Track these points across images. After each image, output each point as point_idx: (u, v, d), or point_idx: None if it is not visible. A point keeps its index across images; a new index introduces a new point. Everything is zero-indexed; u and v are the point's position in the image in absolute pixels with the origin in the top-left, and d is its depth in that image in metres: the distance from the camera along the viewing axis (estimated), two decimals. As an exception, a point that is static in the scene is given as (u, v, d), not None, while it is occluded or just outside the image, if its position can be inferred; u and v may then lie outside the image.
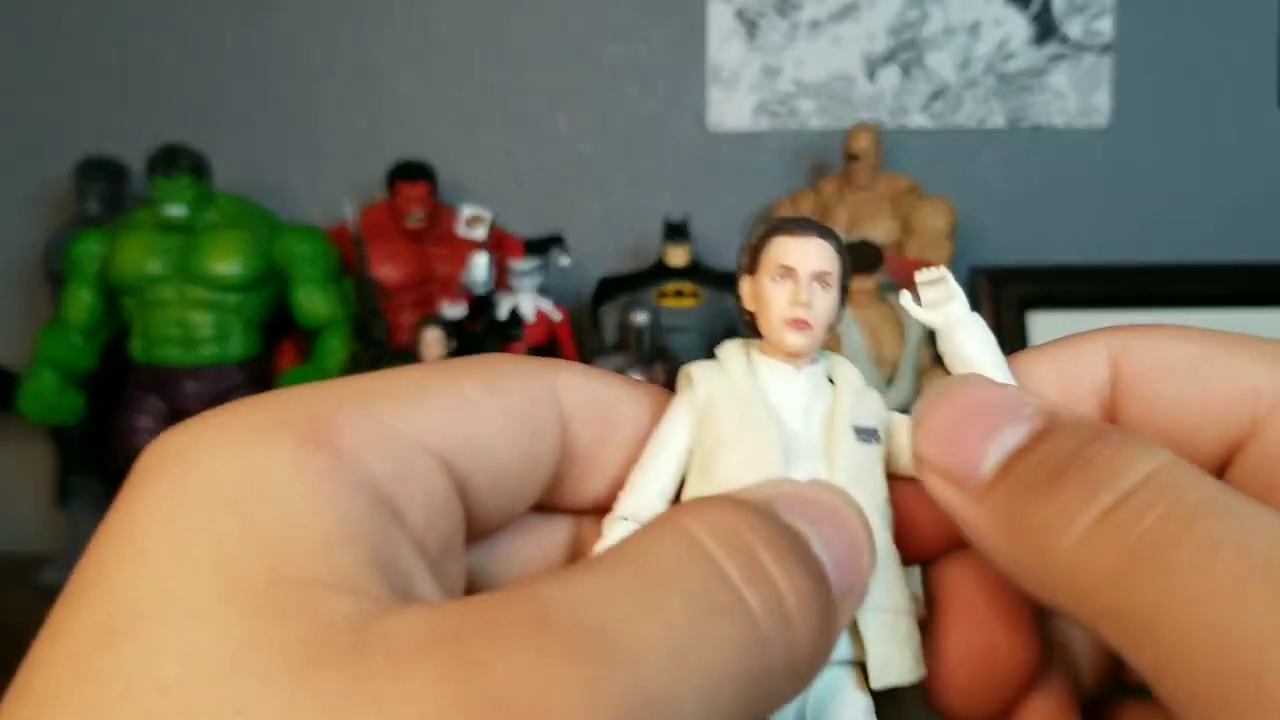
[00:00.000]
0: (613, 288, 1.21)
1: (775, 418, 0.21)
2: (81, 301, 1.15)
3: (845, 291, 0.22)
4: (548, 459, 0.20)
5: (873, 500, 0.20)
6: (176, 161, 1.12)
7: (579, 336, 1.22)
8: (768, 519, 0.17)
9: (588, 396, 0.21)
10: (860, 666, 0.21)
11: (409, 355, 1.11)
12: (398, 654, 0.13)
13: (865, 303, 1.07)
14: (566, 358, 1.20)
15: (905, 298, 0.23)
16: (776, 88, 1.30)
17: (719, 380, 0.22)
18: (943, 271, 0.22)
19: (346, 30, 1.32)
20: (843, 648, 0.20)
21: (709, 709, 0.15)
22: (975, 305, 0.99)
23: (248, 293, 1.14)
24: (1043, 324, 1.20)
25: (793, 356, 0.21)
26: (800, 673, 0.17)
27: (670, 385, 0.23)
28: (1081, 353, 0.21)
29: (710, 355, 0.23)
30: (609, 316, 1.19)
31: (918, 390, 1.10)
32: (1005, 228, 1.30)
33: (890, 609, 0.20)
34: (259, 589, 0.13)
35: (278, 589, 0.14)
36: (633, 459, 0.22)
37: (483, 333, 1.18)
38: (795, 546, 0.17)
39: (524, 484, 0.20)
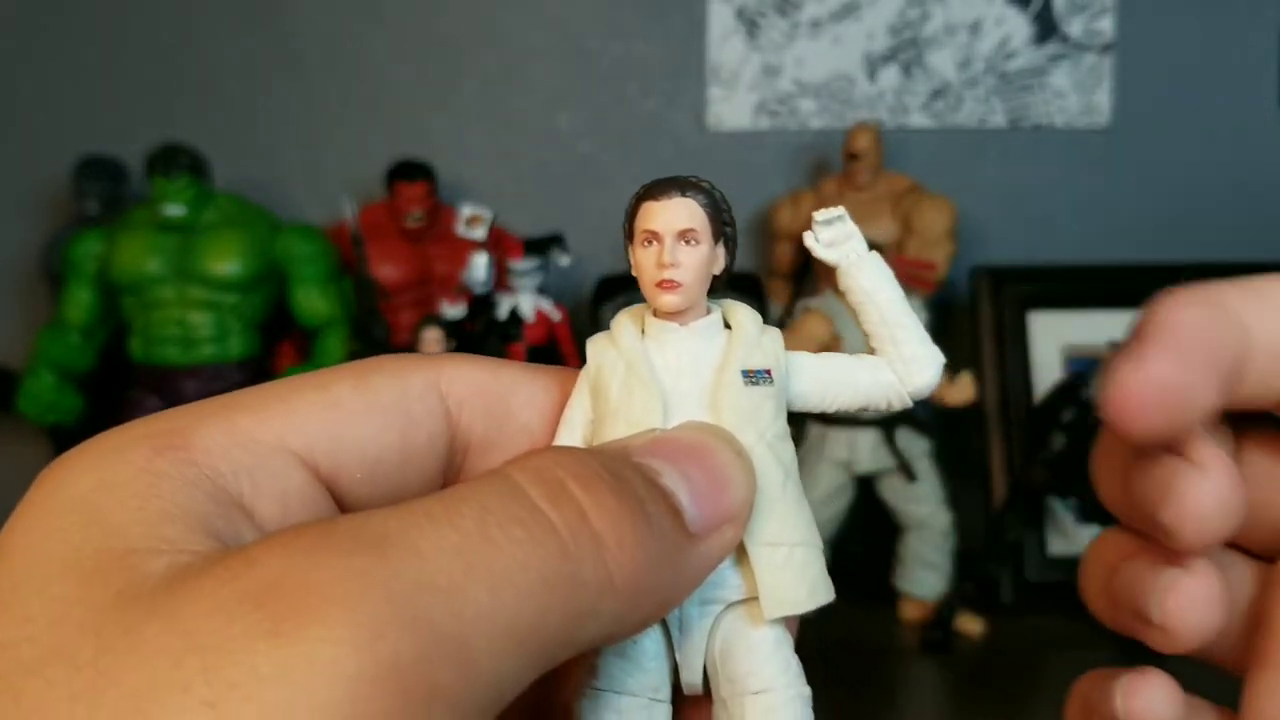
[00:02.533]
0: (612, 287, 1.21)
1: (657, 377, 0.21)
2: (80, 301, 1.15)
3: (728, 238, 0.22)
4: (429, 449, 0.21)
5: (762, 438, 0.21)
6: (175, 161, 1.12)
7: (579, 336, 1.22)
8: (592, 458, 0.18)
9: (476, 386, 0.21)
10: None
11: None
12: (193, 579, 0.15)
13: (865, 302, 1.07)
14: (566, 357, 1.20)
15: (807, 237, 0.23)
16: (777, 87, 1.30)
17: (608, 350, 0.22)
18: (840, 211, 0.23)
19: (346, 30, 1.32)
20: (734, 586, 0.21)
21: (502, 603, 0.15)
22: (976, 305, 0.98)
23: (247, 292, 1.14)
24: (1043, 323, 1.20)
25: (673, 315, 0.22)
26: (624, 590, 0.17)
27: None
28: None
29: None
30: (609, 316, 1.18)
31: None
32: (1006, 227, 1.30)
33: (784, 541, 0.20)
34: (89, 563, 0.15)
35: (104, 559, 0.15)
36: (538, 442, 0.23)
37: (482, 332, 1.18)
38: (614, 476, 0.17)
39: (405, 474, 0.20)
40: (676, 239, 0.21)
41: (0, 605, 0.15)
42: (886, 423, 1.06)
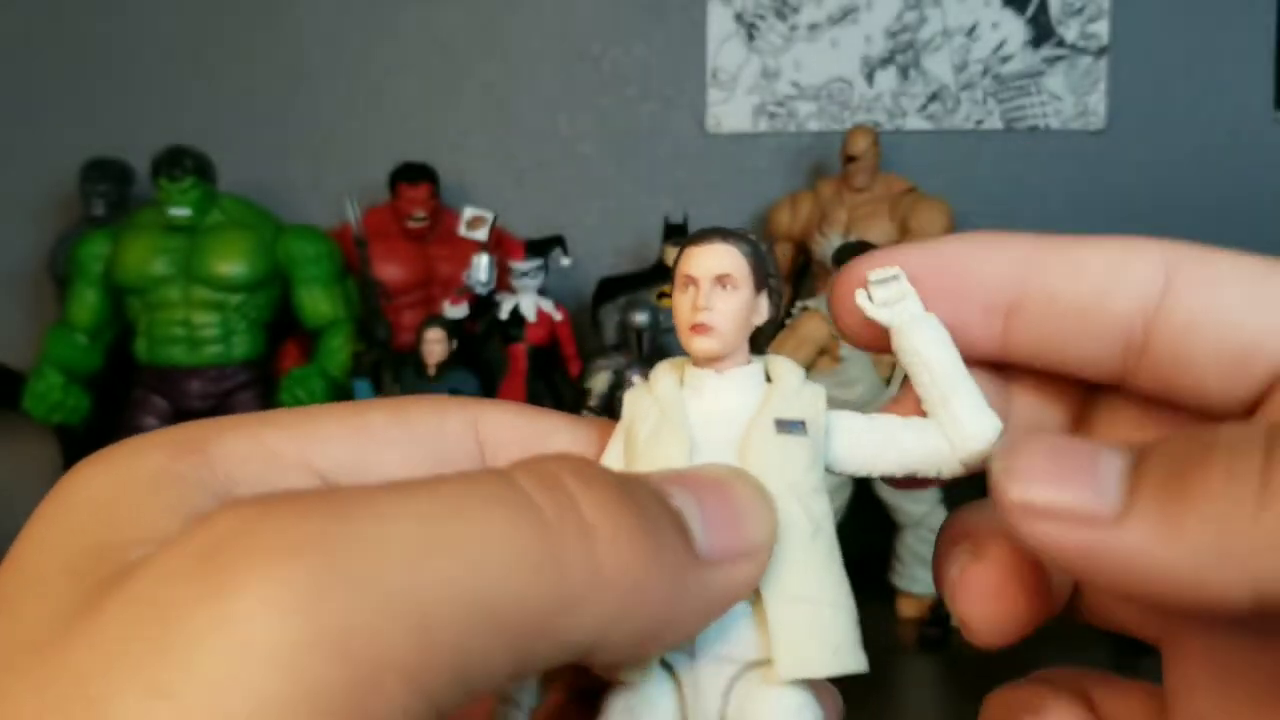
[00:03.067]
0: (613, 288, 1.22)
1: (687, 425, 0.21)
2: (86, 302, 1.16)
3: (771, 290, 0.21)
4: None
5: (792, 489, 0.20)
6: (181, 163, 1.13)
7: (579, 336, 1.23)
8: (599, 467, 0.17)
9: (514, 433, 0.21)
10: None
11: (411, 355, 1.12)
12: (160, 553, 0.14)
13: (863, 303, 1.08)
14: (567, 357, 1.21)
15: (860, 297, 0.22)
16: (775, 90, 1.31)
17: (643, 399, 0.22)
18: (895, 270, 0.22)
19: (349, 33, 1.33)
20: (751, 644, 0.20)
21: (468, 573, 0.14)
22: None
23: (251, 293, 1.15)
24: (1039, 324, 1.21)
25: (709, 361, 0.21)
26: (613, 584, 0.16)
27: None
28: (1136, 254, 0.21)
29: None
30: (609, 316, 1.19)
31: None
32: (1001, 228, 1.30)
33: (807, 598, 0.19)
34: (84, 558, 0.15)
35: (98, 553, 0.15)
36: None
37: (484, 332, 1.19)
38: (619, 482, 0.17)
39: None
40: (713, 284, 0.21)
41: (3, 602, 0.15)
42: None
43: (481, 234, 1.17)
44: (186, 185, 1.13)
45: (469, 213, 1.18)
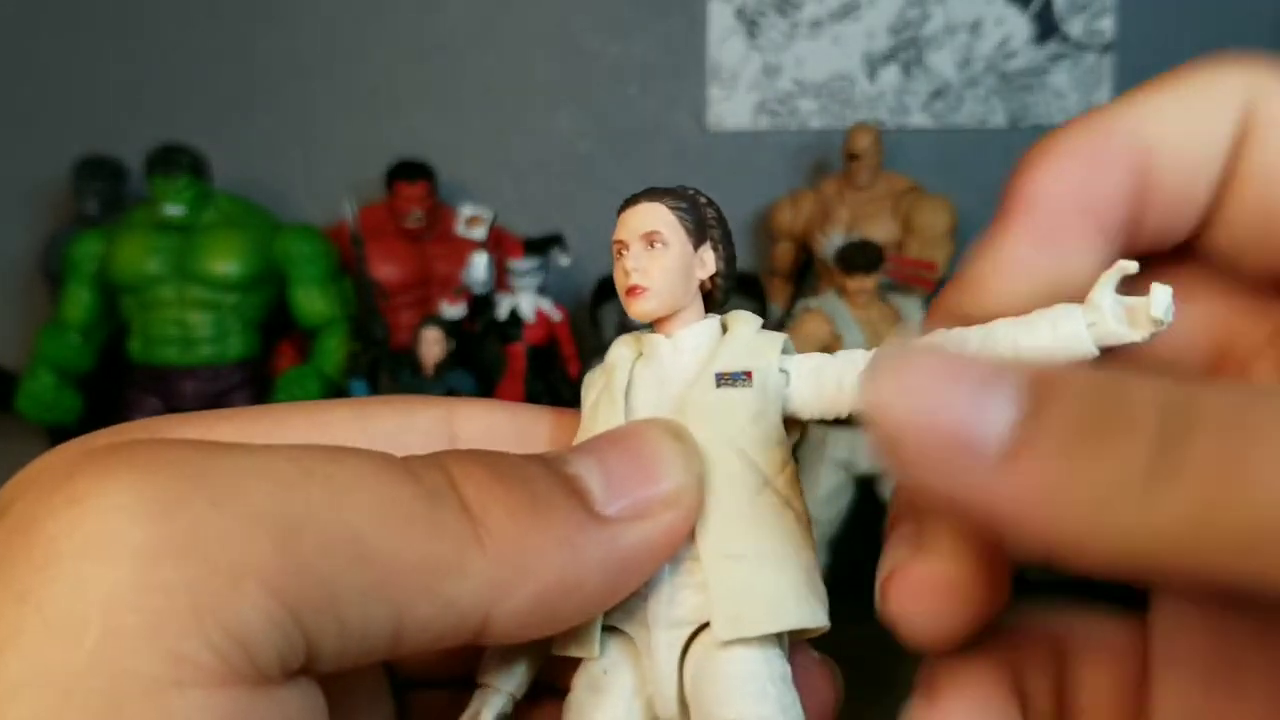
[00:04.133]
0: (613, 288, 1.20)
1: (622, 392, 0.20)
2: (80, 301, 1.15)
3: (718, 239, 0.21)
4: None
5: (731, 443, 0.19)
6: (175, 161, 1.12)
7: (579, 336, 1.22)
8: (488, 453, 0.17)
9: (490, 426, 0.21)
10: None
11: (408, 355, 1.10)
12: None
13: (865, 302, 1.07)
14: (566, 357, 1.20)
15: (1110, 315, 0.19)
16: (777, 87, 1.30)
17: (596, 374, 0.21)
18: (1134, 265, 0.18)
19: (345, 30, 1.32)
20: (695, 606, 0.19)
21: (339, 507, 0.15)
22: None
23: (246, 292, 1.14)
24: (1043, 324, 1.20)
25: (658, 325, 0.21)
26: (495, 553, 0.16)
27: None
28: (1213, 94, 0.18)
29: None
30: (609, 316, 1.18)
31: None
32: (1006, 227, 1.29)
33: (743, 556, 0.19)
34: None
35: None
36: None
37: (482, 332, 1.18)
38: (499, 460, 0.17)
39: None
40: (642, 244, 0.20)
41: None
42: (887, 423, 1.06)
43: (479, 233, 1.16)
44: (181, 183, 1.12)
45: (467, 211, 1.17)
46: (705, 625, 0.19)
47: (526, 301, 1.17)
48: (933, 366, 0.16)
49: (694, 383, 0.20)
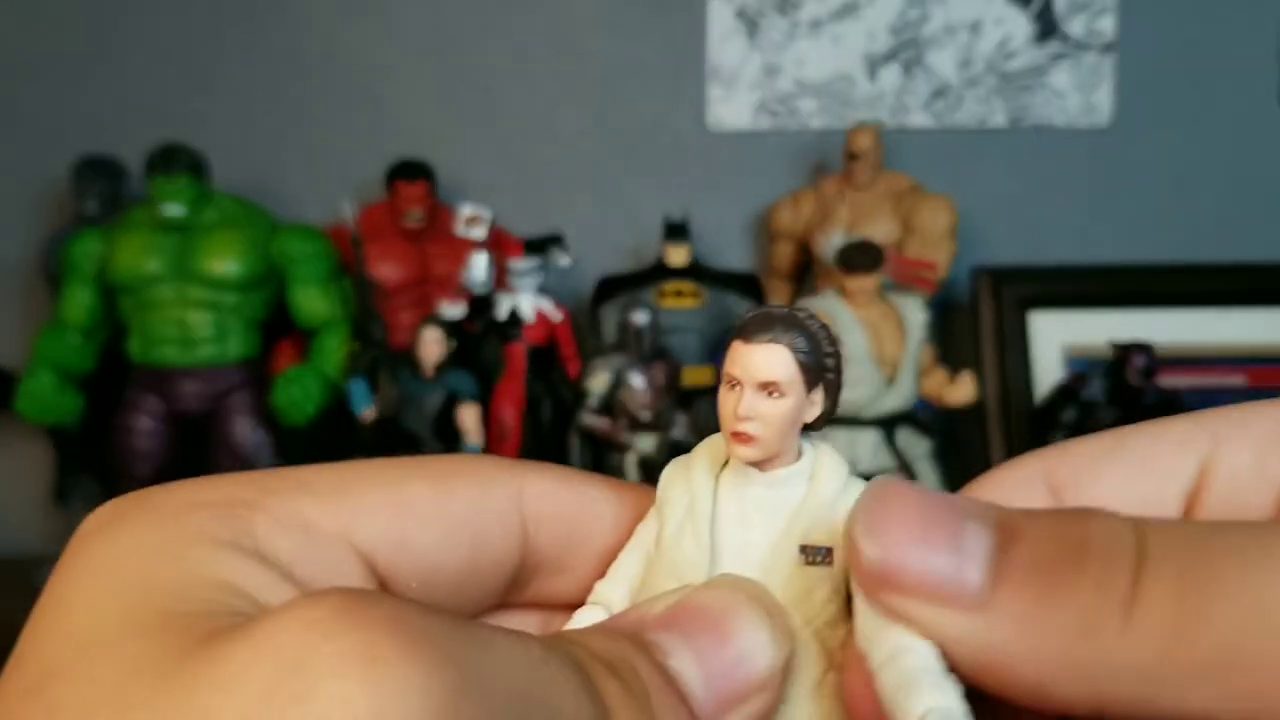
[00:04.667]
0: (613, 288, 1.21)
1: (714, 528, 0.20)
2: (80, 302, 1.15)
3: (829, 382, 0.20)
4: (497, 568, 0.20)
5: (809, 624, 0.19)
6: (175, 161, 1.12)
7: (579, 336, 1.22)
8: (609, 641, 0.17)
9: (557, 506, 0.20)
10: None
11: (407, 355, 1.10)
12: (225, 642, 0.14)
13: (866, 302, 1.07)
14: (566, 357, 1.19)
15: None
16: (777, 87, 1.30)
17: (676, 482, 0.21)
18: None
19: (345, 29, 1.32)
20: None
21: None
22: (976, 304, 0.98)
23: (246, 292, 1.14)
24: (1043, 323, 1.19)
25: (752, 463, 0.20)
26: None
27: (671, 386, 0.22)
28: (1015, 490, 0.20)
29: (709, 357, 0.22)
30: (609, 316, 1.18)
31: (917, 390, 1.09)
32: (1006, 227, 1.29)
33: None
34: (150, 626, 0.15)
35: (164, 622, 0.15)
36: (607, 561, 0.21)
37: (481, 332, 1.17)
38: (624, 668, 0.17)
39: (463, 588, 0.20)
40: (757, 390, 0.20)
41: (65, 664, 0.15)
42: (887, 423, 1.06)
43: (479, 232, 1.16)
44: (180, 183, 1.12)
45: (466, 211, 1.17)
46: None
47: (526, 301, 1.17)
48: (909, 517, 0.17)
49: (778, 552, 0.20)
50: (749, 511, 0.20)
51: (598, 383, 1.08)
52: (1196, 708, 0.14)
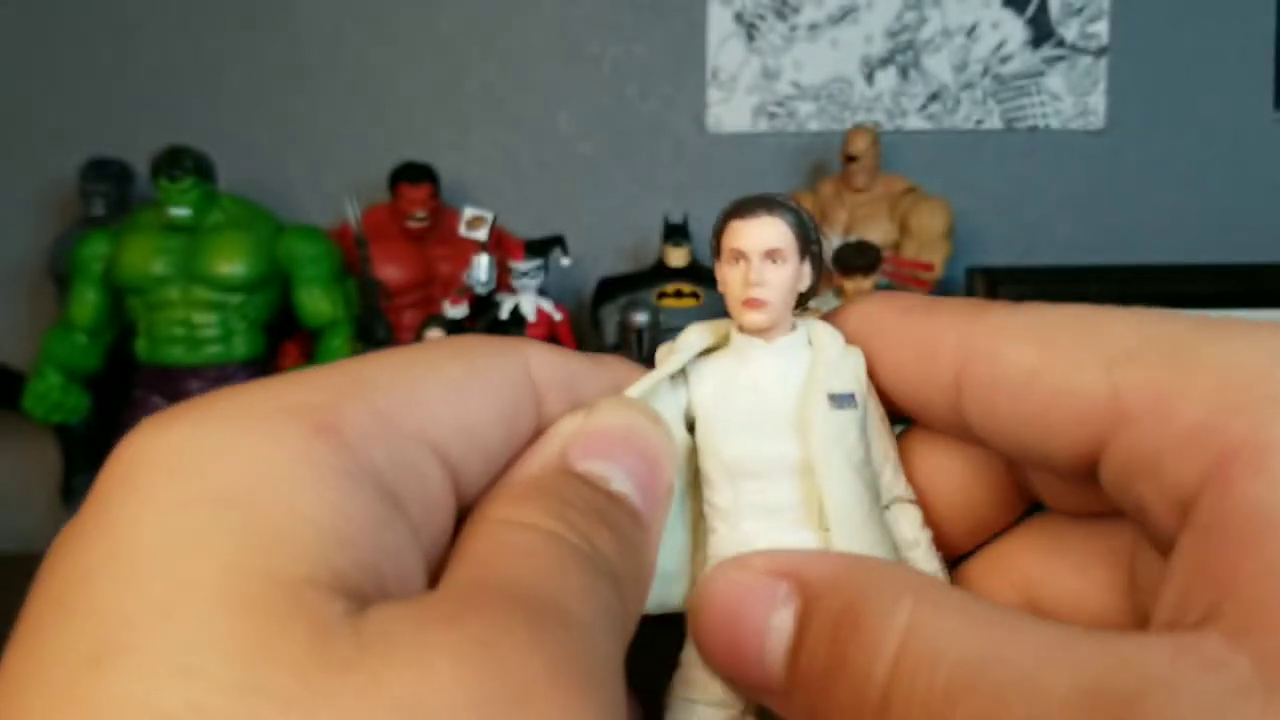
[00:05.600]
0: (613, 288, 1.22)
1: (751, 389, 0.22)
2: (86, 302, 1.16)
3: (815, 256, 0.22)
4: (525, 438, 0.20)
5: (849, 462, 0.21)
6: (180, 163, 1.13)
7: (579, 336, 1.23)
8: (561, 477, 0.19)
9: (557, 373, 0.21)
10: None
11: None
12: (398, 646, 0.13)
13: (863, 303, 1.08)
14: (567, 357, 1.20)
15: None
16: (775, 89, 1.31)
17: (702, 334, 0.23)
18: None
19: (349, 32, 1.33)
20: None
21: (617, 651, 0.16)
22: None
23: (251, 293, 1.15)
24: (1039, 324, 1.20)
25: (758, 332, 0.22)
26: (631, 594, 0.18)
27: None
28: (933, 353, 0.21)
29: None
30: (609, 317, 1.19)
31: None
32: (1002, 228, 1.31)
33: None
34: (260, 597, 0.13)
35: (279, 594, 0.13)
36: None
37: (484, 331, 1.19)
38: (595, 496, 0.19)
39: (503, 461, 0.20)
40: (763, 258, 0.21)
41: (138, 634, 0.12)
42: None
43: (481, 234, 1.17)
44: (186, 185, 1.13)
45: (469, 212, 1.18)
46: None
47: (528, 302, 1.18)
48: (721, 609, 0.19)
49: (808, 404, 0.21)
50: (766, 375, 0.22)
51: (599, 382, 1.09)
52: None
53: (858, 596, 0.17)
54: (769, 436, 0.21)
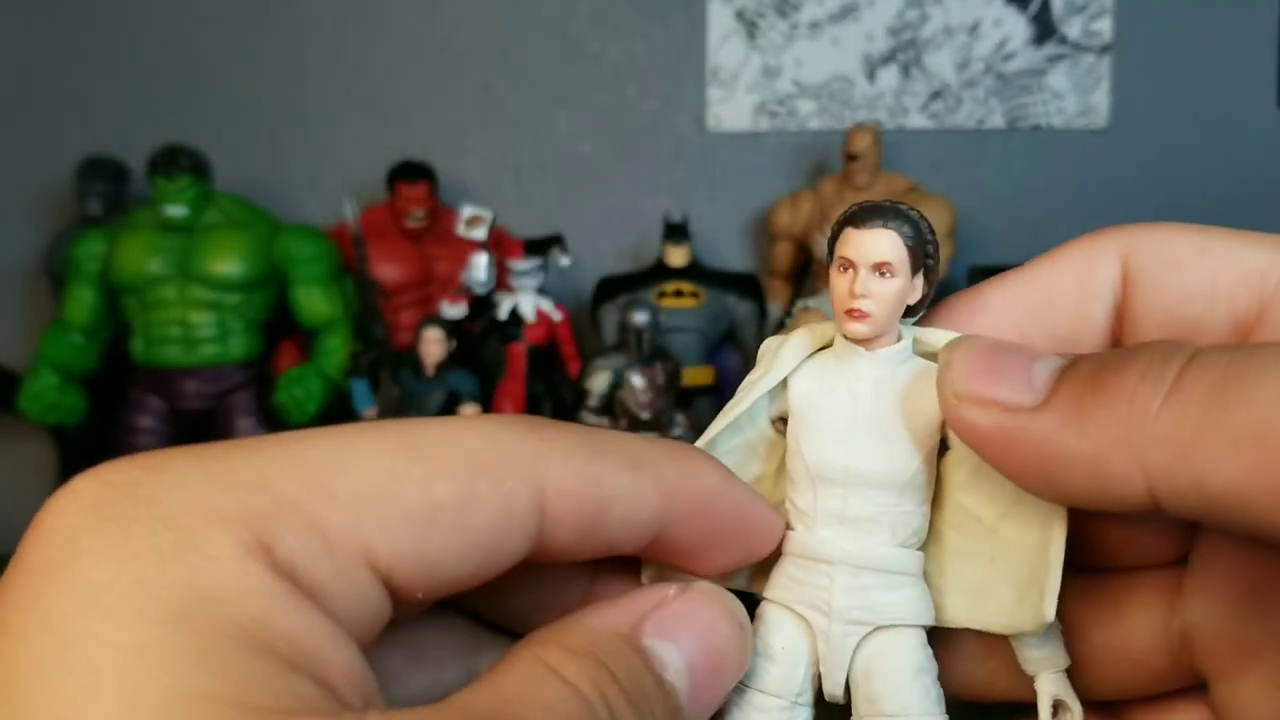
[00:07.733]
0: (613, 288, 1.21)
1: (846, 396, 0.22)
2: (83, 302, 1.16)
3: (929, 269, 0.22)
4: (500, 568, 0.19)
5: (928, 485, 0.22)
6: (177, 162, 1.13)
7: (579, 336, 1.22)
8: (623, 648, 0.19)
9: (577, 498, 0.19)
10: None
11: (409, 355, 1.11)
12: None
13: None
14: (566, 357, 1.20)
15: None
16: (776, 88, 1.31)
17: (804, 338, 0.23)
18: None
19: (347, 31, 1.32)
20: (882, 611, 0.21)
21: None
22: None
23: (248, 292, 1.14)
24: (1041, 324, 1.20)
25: (860, 341, 0.22)
26: None
27: (671, 386, 0.23)
28: (1095, 255, 0.22)
29: (709, 357, 0.23)
30: (609, 316, 1.19)
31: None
32: (1004, 227, 1.30)
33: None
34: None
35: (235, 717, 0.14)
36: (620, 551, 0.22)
37: (483, 332, 1.18)
38: (645, 679, 0.19)
39: (464, 588, 0.19)
40: (871, 270, 0.21)
41: None
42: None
43: (480, 233, 1.16)
44: (183, 184, 1.13)
45: (467, 212, 1.17)
46: (883, 626, 0.21)
47: (527, 301, 1.17)
48: (988, 346, 0.20)
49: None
50: (864, 385, 0.22)
51: (598, 382, 1.09)
52: (1228, 479, 0.16)
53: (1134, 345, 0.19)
54: (855, 446, 0.21)
